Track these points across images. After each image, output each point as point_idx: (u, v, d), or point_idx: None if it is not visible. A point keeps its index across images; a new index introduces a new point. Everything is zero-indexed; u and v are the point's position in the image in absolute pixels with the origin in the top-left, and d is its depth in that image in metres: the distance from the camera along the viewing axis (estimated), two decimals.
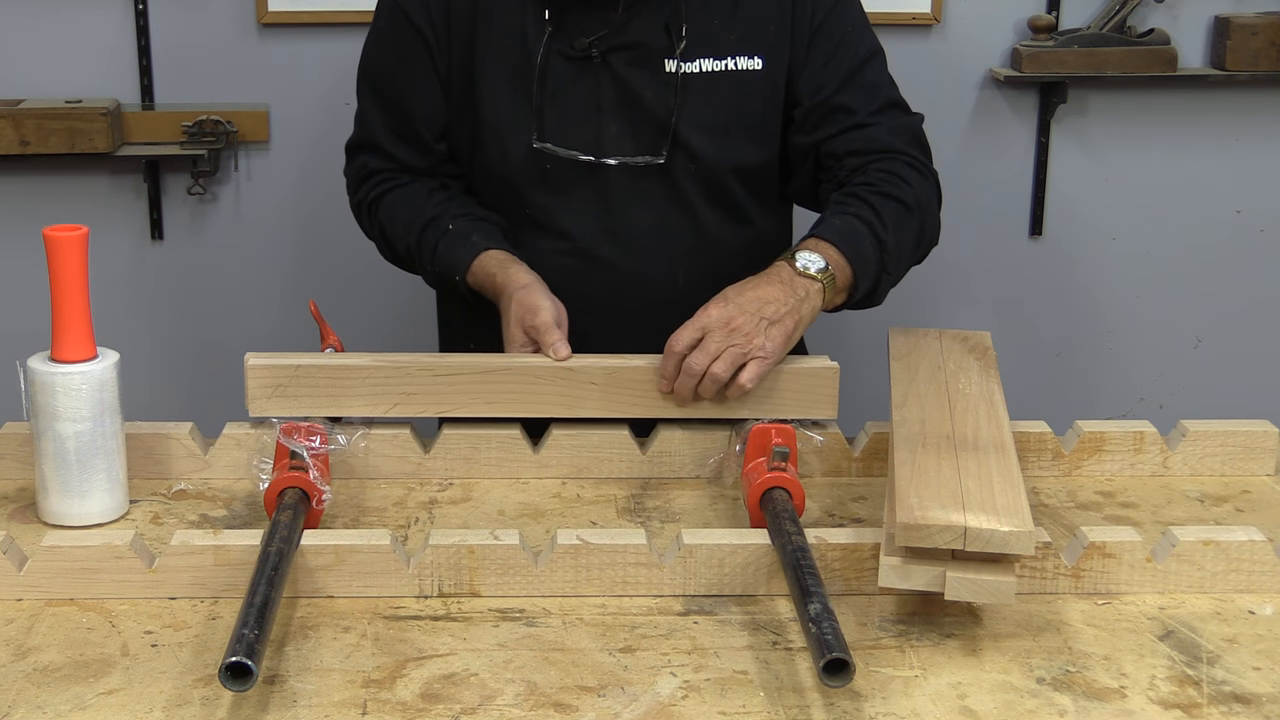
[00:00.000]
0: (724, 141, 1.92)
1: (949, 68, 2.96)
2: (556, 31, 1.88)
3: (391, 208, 2.00)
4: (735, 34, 1.91)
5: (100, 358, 1.59)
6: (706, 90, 1.90)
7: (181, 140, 2.83)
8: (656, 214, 1.93)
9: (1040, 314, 3.10)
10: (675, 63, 1.88)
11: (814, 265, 1.75)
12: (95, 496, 1.59)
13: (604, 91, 1.89)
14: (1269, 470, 1.78)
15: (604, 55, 1.88)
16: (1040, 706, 1.30)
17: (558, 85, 1.89)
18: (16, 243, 2.88)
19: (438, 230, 1.93)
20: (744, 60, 1.91)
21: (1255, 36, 2.92)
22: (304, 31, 2.87)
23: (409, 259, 2.01)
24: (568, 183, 1.91)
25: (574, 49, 1.88)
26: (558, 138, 1.90)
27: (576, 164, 1.90)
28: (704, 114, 1.90)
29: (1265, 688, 1.33)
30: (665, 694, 1.30)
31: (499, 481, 1.74)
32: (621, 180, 1.91)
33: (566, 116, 1.90)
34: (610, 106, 1.90)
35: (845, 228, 1.81)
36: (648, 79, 1.89)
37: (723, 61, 1.90)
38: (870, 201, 1.84)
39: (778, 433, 1.64)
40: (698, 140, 1.91)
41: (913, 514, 1.39)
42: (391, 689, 1.31)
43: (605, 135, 1.90)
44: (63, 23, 2.83)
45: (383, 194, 2.01)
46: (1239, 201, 3.08)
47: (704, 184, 1.94)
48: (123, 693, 1.29)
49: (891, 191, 1.86)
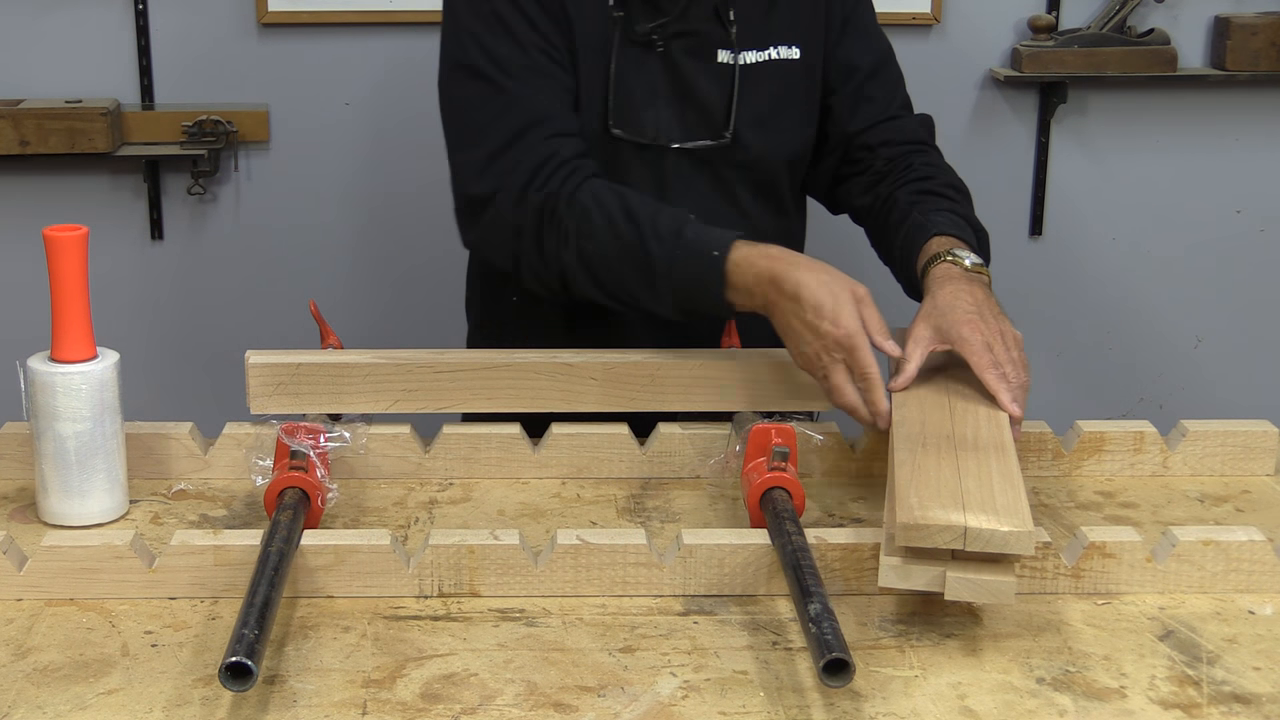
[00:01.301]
0: (769, 132, 1.95)
1: (949, 68, 2.96)
2: (625, 18, 1.89)
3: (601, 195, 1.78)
4: (775, 24, 1.93)
5: (100, 358, 1.59)
6: (753, 81, 1.93)
7: (181, 140, 2.84)
8: (706, 201, 1.94)
9: (1040, 314, 3.10)
10: (729, 53, 1.91)
11: (970, 260, 1.77)
12: (95, 496, 1.59)
13: (660, 78, 1.91)
14: (1269, 470, 1.78)
15: (666, 42, 1.90)
16: (1040, 706, 1.30)
17: (624, 70, 1.89)
18: (16, 243, 2.88)
19: (681, 214, 1.76)
20: (784, 50, 1.94)
21: (1255, 36, 2.92)
22: (304, 31, 2.87)
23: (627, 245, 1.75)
24: (627, 167, 1.91)
25: (638, 35, 1.89)
26: (624, 123, 1.90)
27: (639, 148, 1.91)
28: (752, 104, 1.93)
29: (1265, 688, 1.33)
30: (665, 694, 1.30)
31: (499, 481, 1.74)
32: (679, 166, 1.93)
33: (629, 101, 1.90)
34: (665, 94, 1.91)
35: (954, 223, 1.84)
36: (701, 68, 1.91)
37: (765, 52, 1.93)
38: (947, 194, 1.90)
39: (778, 433, 1.64)
40: (747, 130, 1.93)
41: (912, 514, 1.39)
42: (391, 689, 1.31)
43: (662, 121, 1.91)
44: (63, 23, 2.83)
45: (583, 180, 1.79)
46: (1239, 201, 3.09)
47: (750, 173, 1.96)
48: (123, 693, 1.29)
49: (952, 181, 1.94)
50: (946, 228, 1.83)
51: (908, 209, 1.89)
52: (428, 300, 3.00)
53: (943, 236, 1.81)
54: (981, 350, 1.64)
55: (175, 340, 3.00)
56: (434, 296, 2.97)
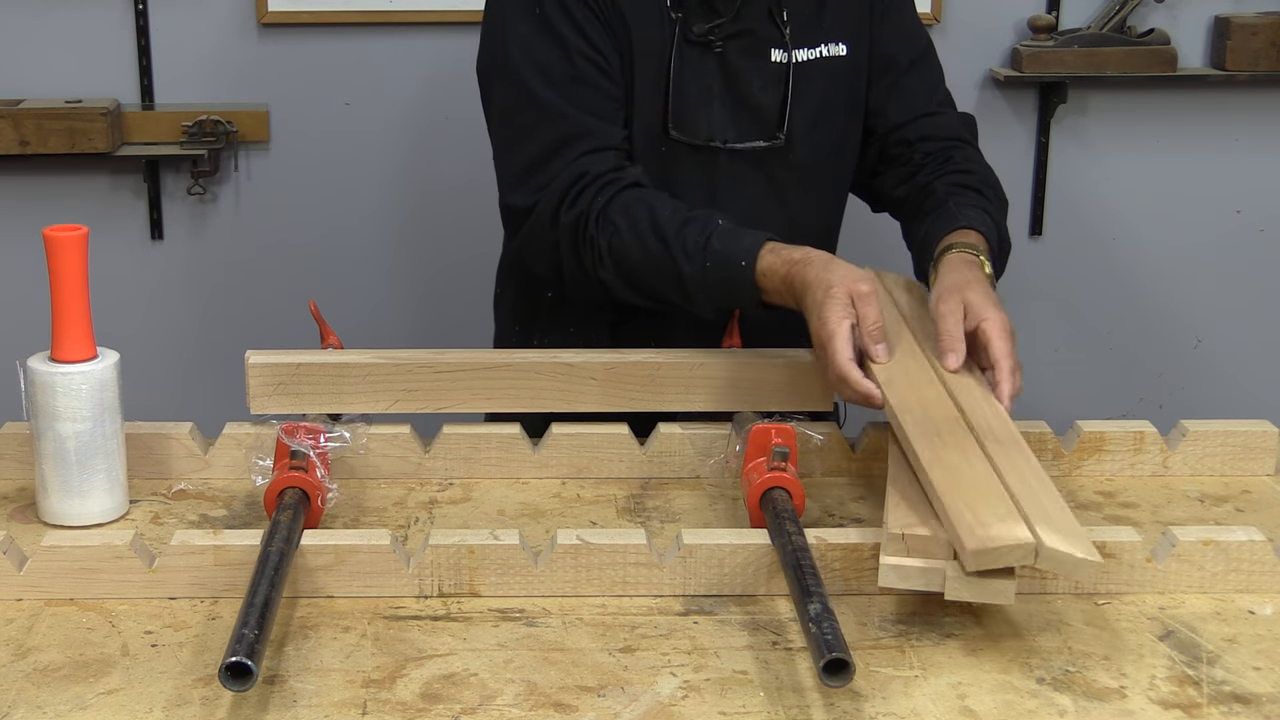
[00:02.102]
0: (818, 129, 1.95)
1: (949, 68, 2.92)
2: (683, 19, 1.89)
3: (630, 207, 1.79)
4: (825, 21, 1.94)
5: (100, 358, 1.59)
6: (805, 80, 1.93)
7: (181, 140, 2.84)
8: (756, 201, 1.94)
9: (1040, 314, 3.10)
10: (783, 53, 1.91)
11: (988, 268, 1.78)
12: (95, 496, 1.59)
13: (716, 79, 1.91)
14: (1269, 470, 1.78)
15: (724, 42, 1.90)
16: (1040, 706, 1.30)
17: (681, 72, 1.90)
18: (16, 243, 2.88)
19: (704, 223, 1.76)
20: (832, 47, 1.94)
21: (1255, 36, 2.92)
22: (304, 31, 2.87)
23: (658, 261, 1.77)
24: (680, 168, 1.92)
25: (694, 35, 1.89)
26: (679, 123, 1.90)
27: (694, 149, 1.91)
28: (803, 103, 1.93)
29: (1265, 688, 1.33)
30: (665, 694, 1.30)
31: (499, 481, 1.74)
32: (731, 166, 1.93)
33: (686, 102, 1.91)
34: (720, 94, 1.91)
35: (983, 222, 1.84)
36: (756, 68, 1.91)
37: (816, 50, 1.94)
38: (984, 193, 1.90)
39: (778, 433, 1.63)
40: (801, 129, 1.94)
41: (977, 536, 1.36)
42: (391, 689, 1.31)
43: (715, 122, 1.92)
44: (63, 23, 2.83)
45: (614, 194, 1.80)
46: (1239, 201, 3.09)
47: (800, 172, 1.96)
48: (123, 693, 1.29)
49: (991, 180, 1.93)
50: (976, 223, 1.83)
51: (944, 199, 1.88)
52: (428, 300, 3.00)
53: (970, 230, 1.81)
54: (1005, 336, 1.65)
55: (175, 340, 3.00)
56: (435, 296, 2.97)
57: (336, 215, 2.98)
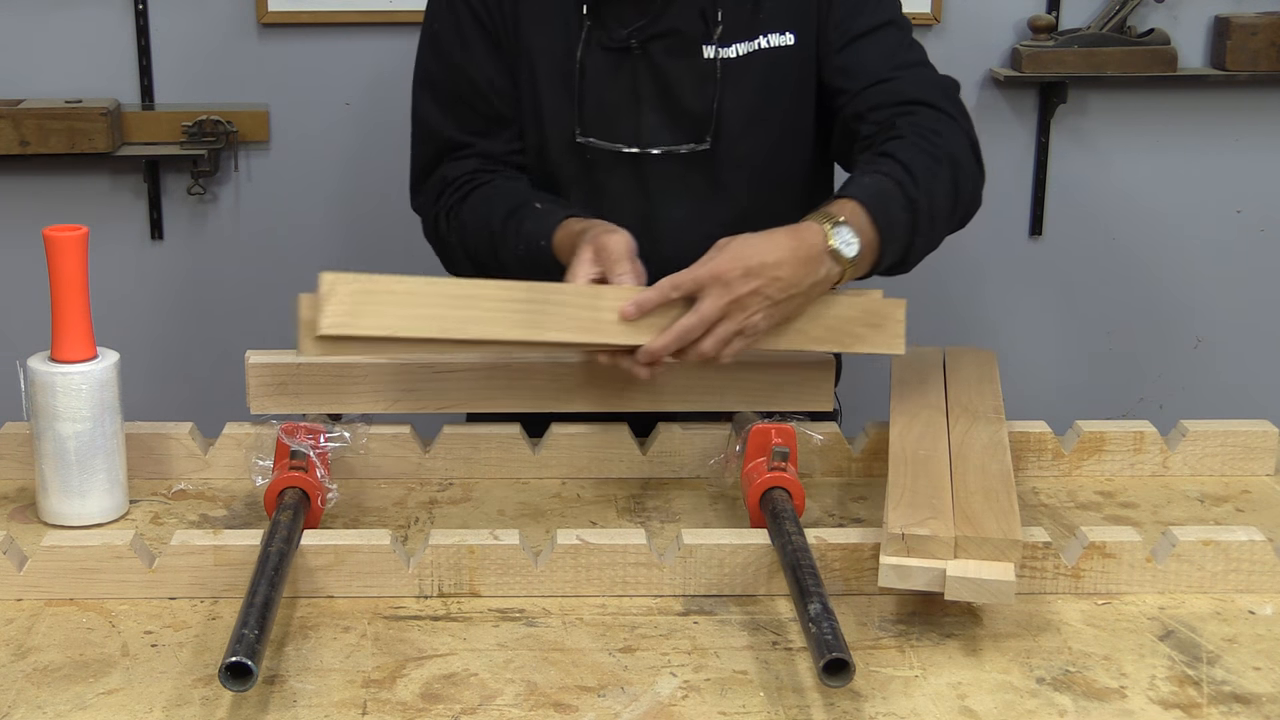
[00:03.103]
0: (762, 123, 1.91)
1: (949, 68, 2.92)
2: (595, 24, 1.87)
3: (474, 204, 1.89)
4: (765, 11, 1.89)
5: (100, 358, 1.59)
6: (742, 73, 1.89)
7: (181, 140, 2.83)
8: (695, 202, 1.92)
9: (1040, 314, 3.10)
10: (713, 49, 1.88)
11: (849, 249, 1.63)
12: (95, 496, 1.59)
13: (642, 82, 1.89)
14: (1269, 470, 1.78)
15: (643, 45, 1.88)
16: (1040, 706, 1.30)
17: (597, 77, 1.89)
18: (16, 243, 2.88)
19: (526, 209, 1.83)
20: (776, 37, 1.89)
21: (1255, 36, 2.92)
22: (304, 31, 2.87)
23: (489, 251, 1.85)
24: (608, 175, 1.91)
25: (612, 40, 1.88)
26: (599, 130, 1.89)
27: (618, 156, 1.90)
28: (742, 98, 1.89)
29: (1265, 688, 1.33)
30: (665, 694, 1.30)
31: (499, 481, 1.74)
32: (662, 170, 1.91)
33: (607, 108, 1.89)
34: (649, 96, 1.89)
35: (876, 189, 1.69)
36: (685, 67, 1.88)
37: (755, 41, 1.89)
38: (899, 157, 1.74)
39: (778, 433, 1.64)
40: (736, 125, 1.90)
41: None
42: (391, 689, 1.31)
43: (644, 125, 1.90)
44: (63, 23, 2.83)
45: (468, 193, 1.90)
46: (1239, 201, 3.08)
47: (743, 167, 1.92)
48: (123, 693, 1.29)
49: (920, 144, 1.76)
50: (857, 192, 1.68)
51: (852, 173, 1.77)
52: None
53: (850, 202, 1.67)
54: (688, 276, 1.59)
55: (175, 340, 3.00)
56: None
57: (336, 215, 2.98)
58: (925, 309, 3.00)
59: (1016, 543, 1.40)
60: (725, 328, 1.59)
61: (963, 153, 1.81)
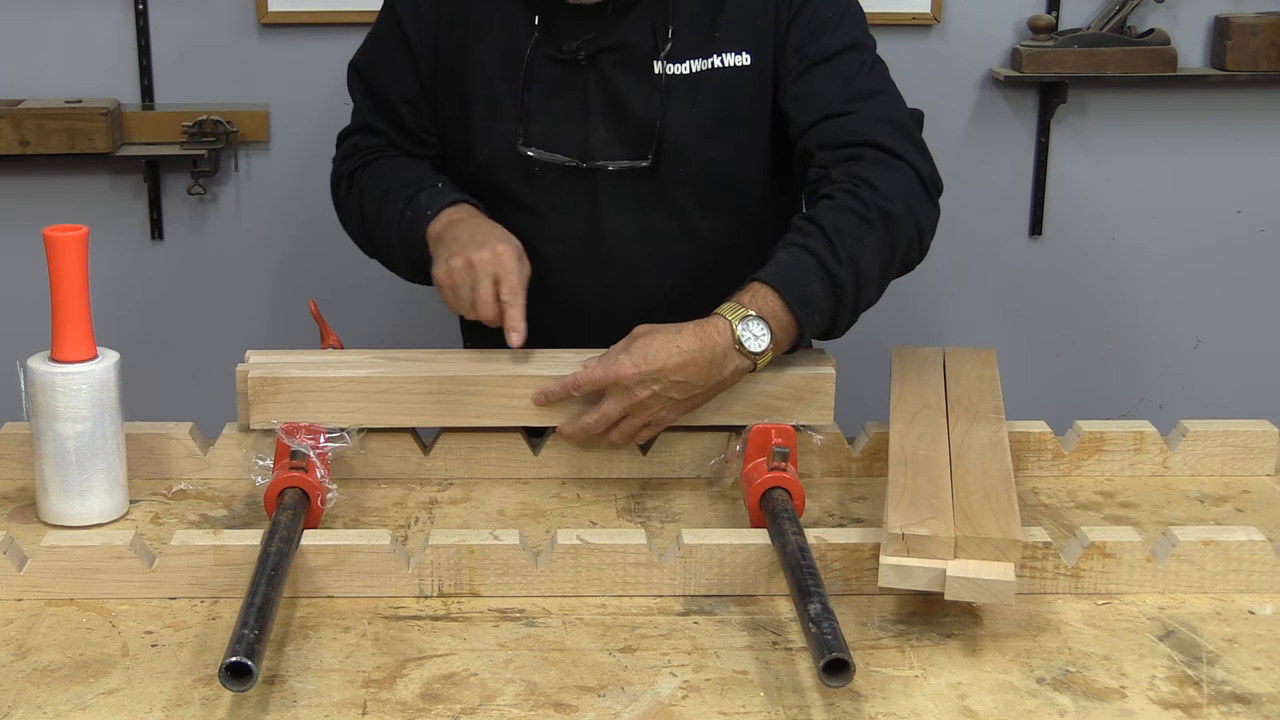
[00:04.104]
0: (714, 141, 1.89)
1: (949, 68, 2.96)
2: (544, 35, 1.87)
3: (374, 173, 1.98)
4: (721, 30, 1.87)
5: (100, 358, 1.59)
6: (694, 90, 1.87)
7: (181, 140, 2.83)
8: (644, 216, 1.91)
9: (1040, 314, 3.10)
10: (662, 64, 1.86)
11: (756, 344, 1.63)
12: (95, 496, 1.59)
13: (591, 94, 1.88)
14: (1269, 470, 1.78)
15: (591, 58, 1.86)
16: (1040, 706, 1.30)
17: (546, 89, 1.88)
18: (16, 243, 2.88)
19: (415, 187, 1.90)
20: (731, 57, 1.87)
21: (1255, 36, 2.92)
22: (304, 31, 2.87)
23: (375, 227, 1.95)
24: (555, 186, 1.90)
25: (561, 52, 1.87)
26: (546, 141, 1.89)
27: (564, 168, 1.89)
28: (692, 114, 1.87)
29: (1265, 688, 1.33)
30: (665, 694, 1.30)
31: (499, 482, 1.74)
32: (609, 184, 1.89)
33: (554, 120, 1.89)
34: (598, 109, 1.88)
35: (793, 268, 1.68)
36: (635, 82, 1.87)
37: (709, 60, 1.87)
38: (822, 223, 1.71)
39: (778, 433, 1.64)
40: (686, 142, 1.88)
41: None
42: (391, 689, 1.31)
43: (594, 138, 1.89)
44: (63, 23, 2.83)
45: (369, 161, 2.00)
46: (1239, 201, 3.08)
47: (693, 185, 1.91)
48: (123, 693, 1.29)
49: (849, 205, 1.73)
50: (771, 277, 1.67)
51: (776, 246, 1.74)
52: (428, 299, 2.99)
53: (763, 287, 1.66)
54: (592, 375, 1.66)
55: (175, 340, 3.00)
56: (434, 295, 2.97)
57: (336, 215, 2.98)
58: (926, 309, 3.01)
59: (1016, 543, 1.40)
60: (629, 424, 1.68)
61: (901, 202, 1.75)
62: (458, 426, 1.72)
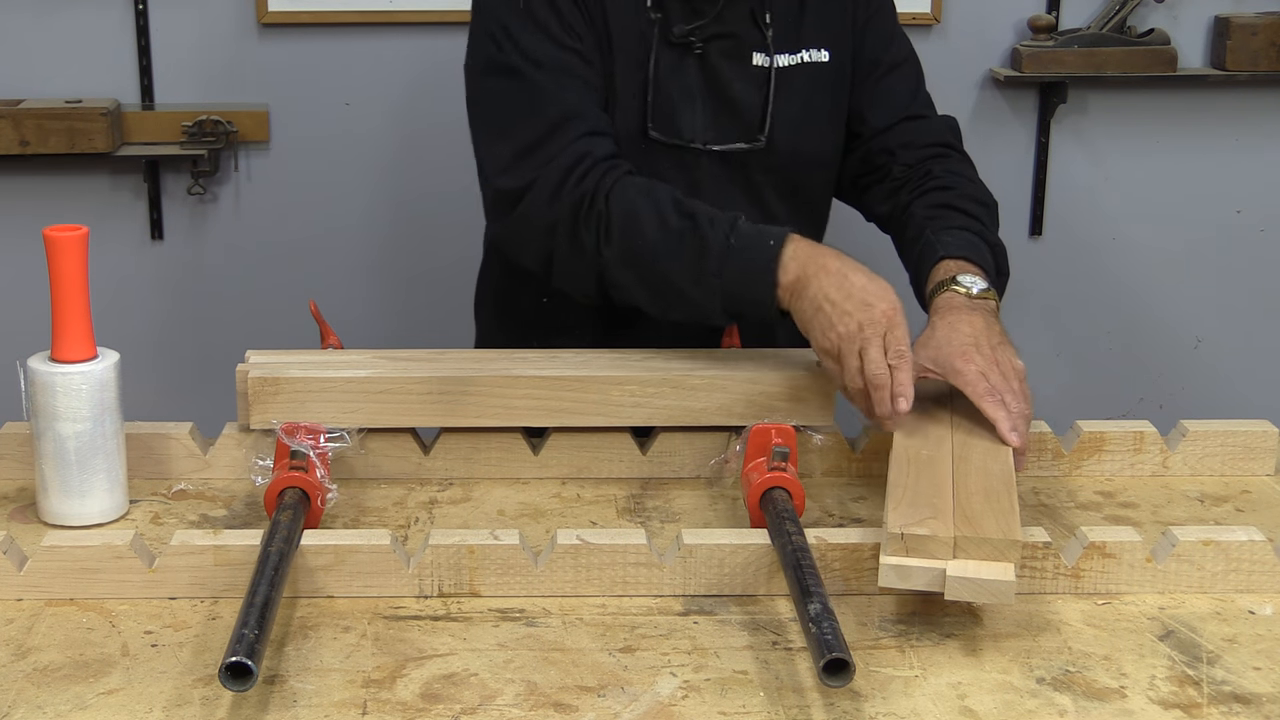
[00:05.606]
0: (801, 136, 1.95)
1: (949, 68, 2.96)
2: (663, 20, 1.89)
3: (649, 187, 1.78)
4: (806, 27, 1.94)
5: (100, 358, 1.59)
6: (786, 84, 1.93)
7: (181, 140, 2.84)
8: (735, 206, 1.91)
9: (1040, 314, 3.10)
10: (765, 56, 1.92)
11: (976, 286, 1.76)
12: (95, 496, 1.59)
13: (695, 80, 1.91)
14: (1269, 470, 1.78)
15: (704, 44, 1.90)
16: (1040, 706, 1.30)
17: (658, 71, 1.90)
18: (16, 243, 2.88)
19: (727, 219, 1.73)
20: (814, 53, 1.95)
21: (1255, 36, 2.92)
22: (304, 31, 2.87)
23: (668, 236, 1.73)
24: (662, 168, 1.90)
25: (675, 36, 1.89)
26: (663, 124, 1.91)
27: (673, 150, 1.91)
28: (785, 108, 1.94)
29: (1265, 688, 1.33)
30: (665, 694, 1.30)
31: (499, 481, 1.74)
32: (709, 167, 1.93)
33: (666, 102, 1.91)
34: (701, 95, 1.92)
35: (966, 243, 1.82)
36: (737, 71, 1.92)
37: (798, 55, 1.94)
38: (964, 208, 1.88)
39: (778, 433, 1.64)
40: (780, 134, 1.94)
41: None
42: (391, 689, 1.31)
43: (697, 123, 1.92)
44: (63, 23, 2.83)
45: (621, 176, 1.79)
46: (1239, 201, 3.09)
47: (780, 177, 1.97)
48: (123, 693, 1.29)
49: (974, 193, 1.93)
50: (956, 249, 1.81)
51: (922, 226, 1.87)
52: (428, 299, 3.00)
53: (951, 260, 1.79)
54: (977, 379, 1.64)
55: (175, 340, 3.00)
56: (434, 295, 2.97)
57: (336, 215, 2.98)
58: None
59: (1016, 543, 1.40)
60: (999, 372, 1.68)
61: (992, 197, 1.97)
62: (458, 426, 1.72)
